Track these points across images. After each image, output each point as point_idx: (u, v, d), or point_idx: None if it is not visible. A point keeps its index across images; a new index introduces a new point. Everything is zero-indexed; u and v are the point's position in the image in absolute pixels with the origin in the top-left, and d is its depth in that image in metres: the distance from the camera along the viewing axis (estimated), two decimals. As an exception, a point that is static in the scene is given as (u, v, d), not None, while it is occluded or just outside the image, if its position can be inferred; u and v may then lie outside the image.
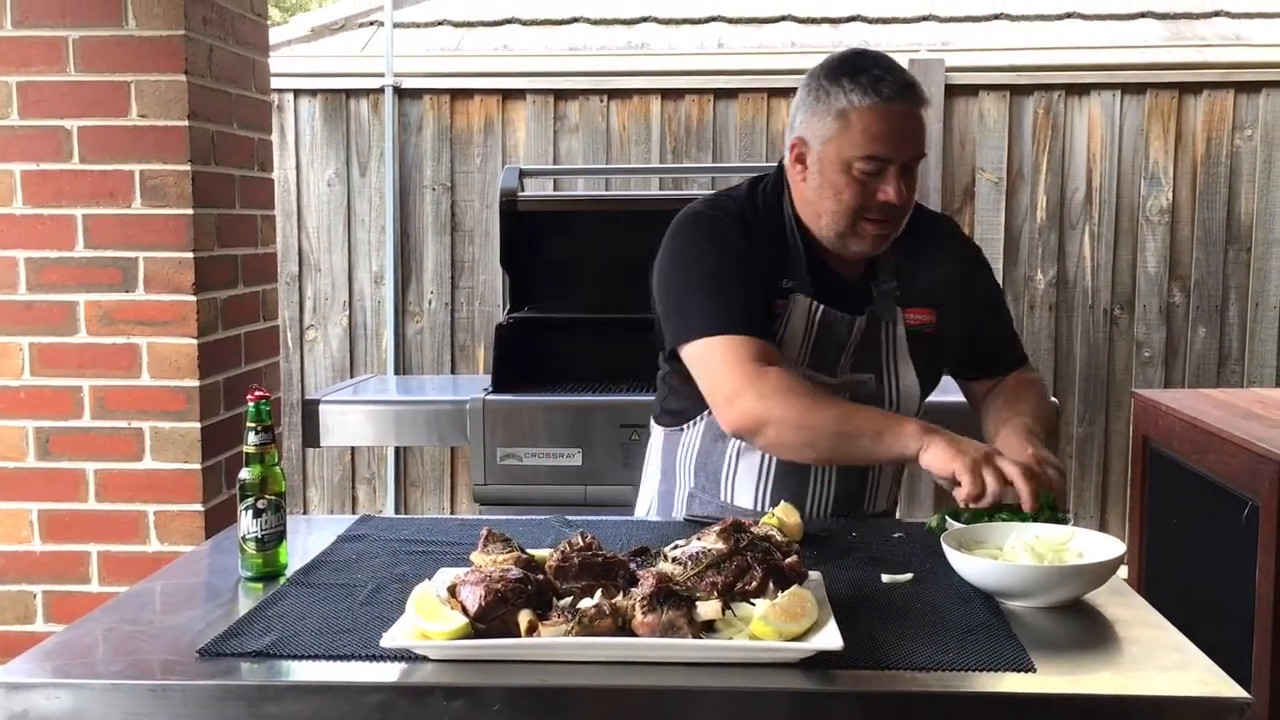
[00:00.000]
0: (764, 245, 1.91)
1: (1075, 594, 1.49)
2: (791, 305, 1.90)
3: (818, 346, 1.91)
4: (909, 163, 1.83)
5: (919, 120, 1.84)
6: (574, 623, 1.28)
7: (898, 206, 1.83)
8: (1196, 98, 4.31)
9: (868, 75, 1.81)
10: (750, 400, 1.78)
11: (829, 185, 1.85)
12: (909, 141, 1.82)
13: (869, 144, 1.80)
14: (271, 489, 1.63)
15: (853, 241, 1.87)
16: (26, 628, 2.83)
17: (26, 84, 2.72)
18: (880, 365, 1.94)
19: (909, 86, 1.83)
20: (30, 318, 2.77)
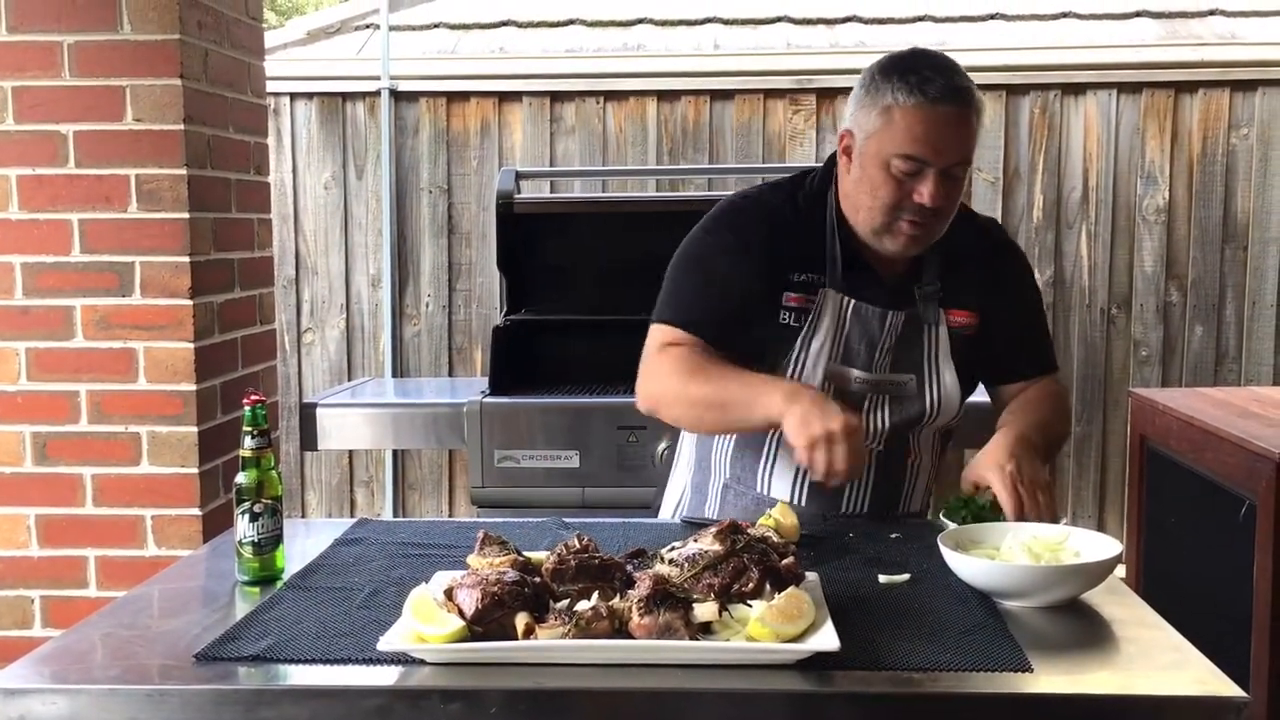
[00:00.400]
0: (797, 238, 1.92)
1: (1072, 594, 1.49)
2: (822, 299, 1.91)
3: (849, 341, 1.91)
4: (951, 168, 1.81)
5: (965, 125, 1.81)
6: (571, 625, 1.28)
7: (933, 209, 1.81)
8: (1192, 96, 4.31)
9: (918, 75, 1.80)
10: (646, 382, 1.92)
11: (868, 180, 1.85)
12: (951, 145, 1.80)
13: (908, 143, 1.79)
14: (268, 493, 1.63)
15: (888, 240, 1.86)
16: (25, 633, 2.82)
17: (21, 89, 2.72)
18: (922, 366, 1.94)
19: (958, 90, 1.80)
20: (27, 323, 2.77)
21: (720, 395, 1.82)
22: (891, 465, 1.96)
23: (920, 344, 1.94)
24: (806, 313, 1.90)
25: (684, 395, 1.86)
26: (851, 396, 1.91)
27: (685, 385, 1.85)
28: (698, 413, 1.88)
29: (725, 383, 1.82)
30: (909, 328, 1.93)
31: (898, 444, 1.95)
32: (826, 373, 1.91)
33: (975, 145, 1.85)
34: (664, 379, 1.88)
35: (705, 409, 1.86)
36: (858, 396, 1.92)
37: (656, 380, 1.90)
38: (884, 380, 1.92)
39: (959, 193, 1.86)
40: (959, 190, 1.85)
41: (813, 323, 1.90)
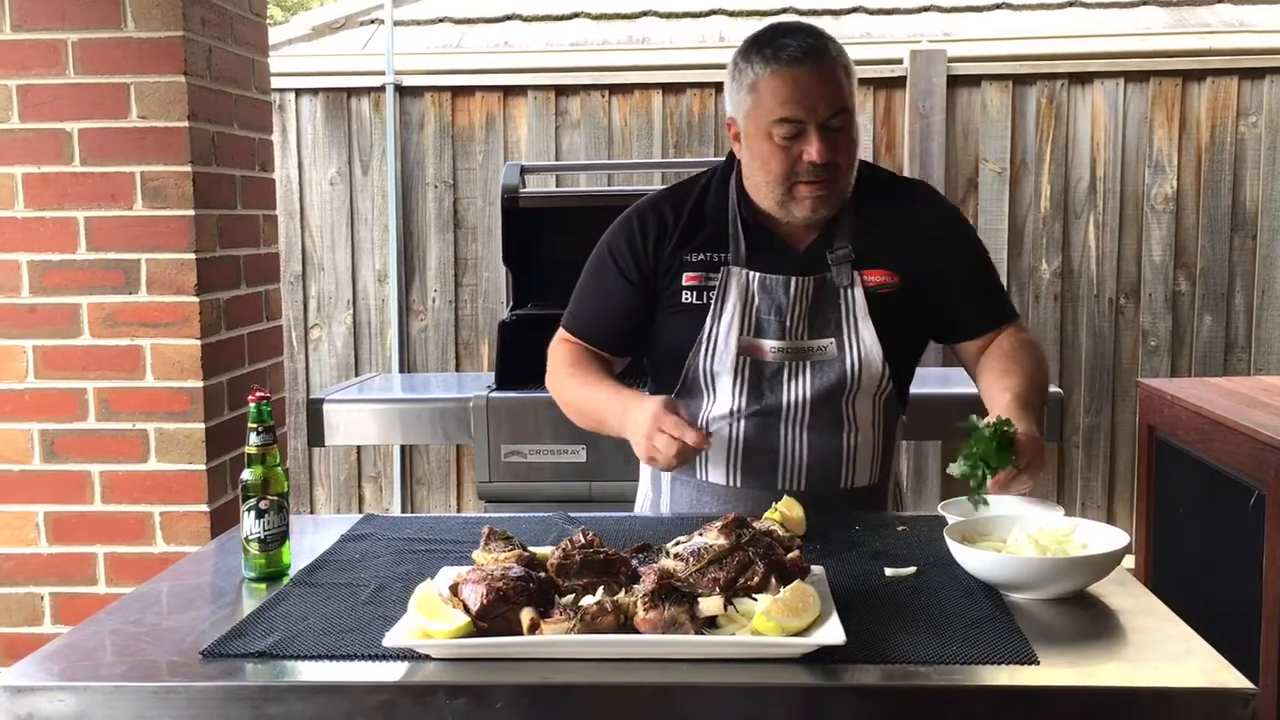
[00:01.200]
0: (694, 227, 1.99)
1: (1079, 586, 1.48)
2: (725, 276, 1.95)
3: (759, 313, 1.95)
4: (829, 121, 1.86)
5: (829, 79, 1.87)
6: (576, 620, 1.28)
7: (825, 165, 1.86)
8: (1200, 85, 4.29)
9: (772, 46, 1.88)
10: (550, 379, 2.11)
11: (758, 157, 1.91)
12: (820, 99, 1.85)
13: (778, 108, 1.85)
14: (274, 490, 1.63)
15: (794, 207, 1.91)
16: (35, 629, 2.83)
17: (26, 87, 2.73)
18: (841, 328, 1.95)
19: (812, 49, 1.87)
20: (34, 320, 2.77)
21: (584, 405, 2.02)
22: (824, 440, 1.95)
23: (836, 306, 1.95)
24: (709, 290, 1.96)
25: (562, 399, 2.08)
26: (768, 368, 1.94)
27: (561, 390, 2.07)
28: (574, 416, 2.07)
29: (587, 395, 2.00)
30: (821, 292, 1.95)
31: (829, 417, 1.95)
32: (740, 346, 1.94)
33: (850, 95, 1.90)
34: (553, 377, 2.09)
35: (577, 415, 2.06)
36: (775, 367, 1.94)
37: (550, 377, 2.11)
38: (801, 347, 1.94)
39: (850, 145, 1.90)
40: (849, 143, 1.90)
41: (719, 300, 1.95)
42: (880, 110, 4.37)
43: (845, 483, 1.98)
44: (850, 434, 1.97)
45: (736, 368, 1.94)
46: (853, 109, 1.91)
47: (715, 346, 1.95)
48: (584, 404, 2.02)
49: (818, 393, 1.93)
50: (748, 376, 1.94)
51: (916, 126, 4.28)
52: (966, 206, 4.35)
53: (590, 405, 2.00)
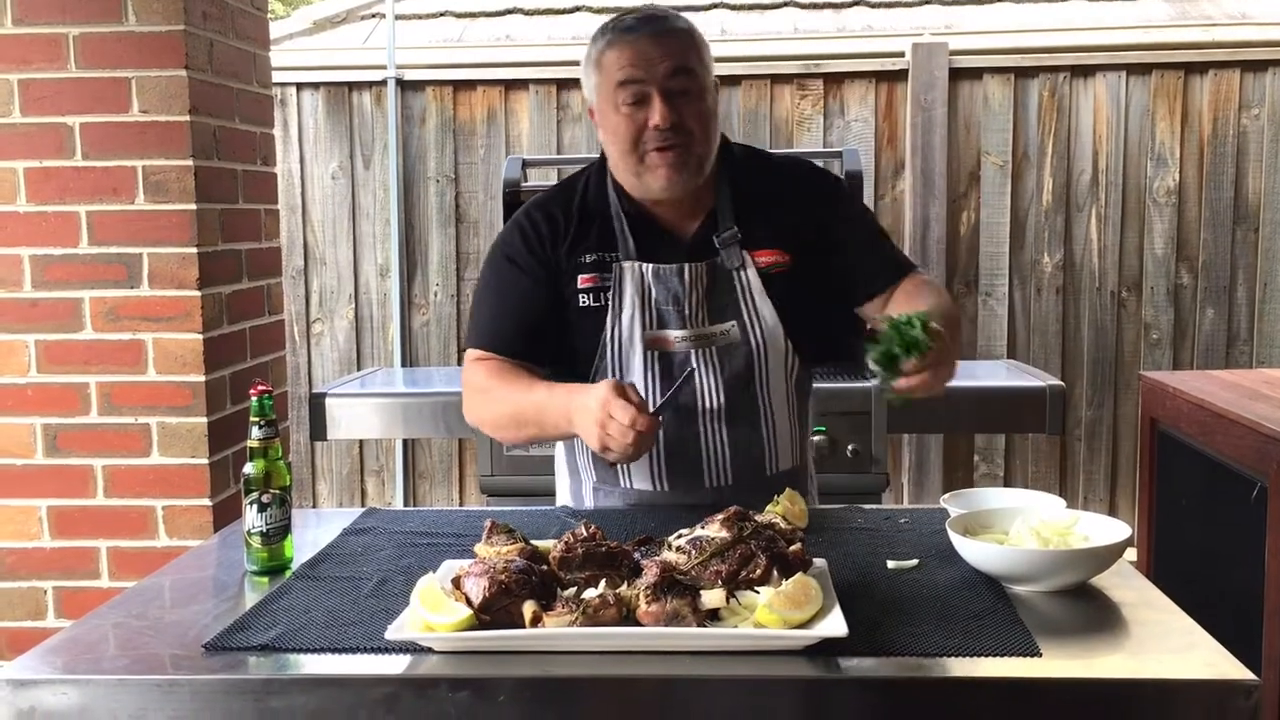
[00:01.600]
0: (581, 228, 1.96)
1: (1081, 578, 1.48)
2: (619, 273, 1.94)
3: (658, 305, 1.94)
4: (670, 84, 1.84)
5: (668, 41, 1.87)
6: (578, 613, 1.28)
7: (673, 128, 1.84)
8: (1203, 77, 4.28)
9: (614, 22, 1.91)
10: (466, 407, 2.00)
11: (609, 129, 1.90)
12: (659, 59, 1.85)
13: (618, 73, 1.86)
14: (276, 483, 1.63)
15: (649, 178, 1.88)
16: (38, 624, 2.84)
17: (28, 81, 2.73)
18: (740, 310, 1.94)
19: (651, 19, 1.88)
20: (36, 315, 2.78)
21: (519, 412, 1.89)
22: (744, 432, 1.94)
23: (732, 289, 1.94)
24: (604, 290, 1.94)
25: (487, 419, 1.96)
26: (676, 358, 1.92)
27: (485, 408, 1.95)
28: (507, 432, 1.97)
29: (519, 400, 1.89)
30: (715, 277, 1.94)
31: (745, 407, 1.94)
32: (645, 340, 1.92)
33: (695, 59, 1.88)
34: (469, 403, 1.98)
35: (510, 428, 1.94)
36: (682, 356, 1.92)
37: (467, 405, 1.99)
38: (705, 333, 1.93)
39: (701, 113, 1.88)
40: (700, 106, 1.87)
41: (616, 297, 1.93)
42: (882, 103, 4.36)
43: (770, 469, 1.98)
44: (767, 422, 1.96)
45: (646, 363, 1.92)
46: (701, 75, 1.88)
47: (621, 345, 1.93)
48: (518, 411, 1.88)
49: (729, 382, 1.92)
50: (658, 371, 1.92)
51: (918, 119, 4.28)
52: (968, 199, 4.35)
53: (525, 410, 1.87)
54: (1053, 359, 4.36)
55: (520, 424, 1.90)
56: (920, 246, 4.31)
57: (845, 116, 4.37)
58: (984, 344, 4.38)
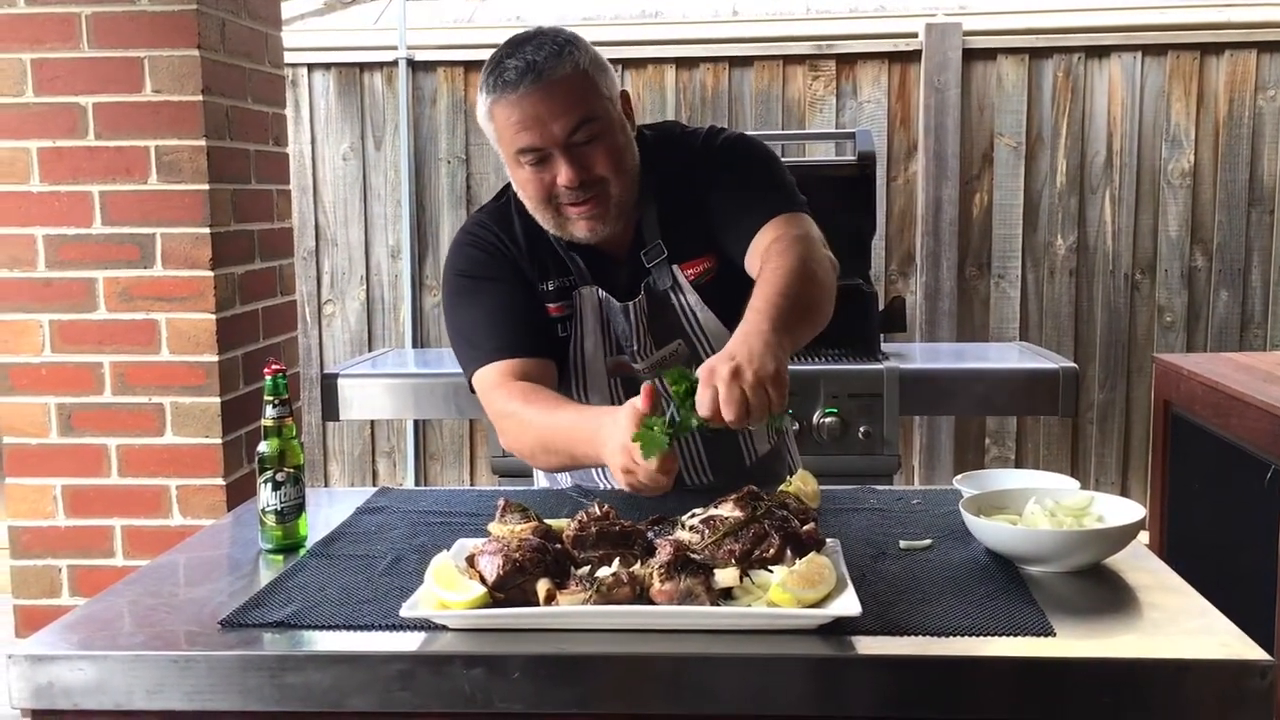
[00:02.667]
0: (527, 250, 1.86)
1: (1095, 559, 1.48)
2: (579, 300, 1.87)
3: (616, 331, 1.88)
4: (572, 139, 1.71)
5: (559, 94, 1.70)
6: (592, 591, 1.29)
7: (583, 184, 1.73)
8: (1218, 58, 4.25)
9: (497, 69, 1.72)
10: (501, 433, 1.81)
11: (517, 182, 1.80)
12: (553, 121, 1.70)
13: (514, 138, 1.72)
14: (290, 462, 1.64)
15: (571, 228, 1.79)
16: (53, 601, 2.86)
17: (41, 61, 2.73)
18: (684, 328, 1.87)
19: (531, 66, 1.69)
20: (50, 295, 2.79)
21: (549, 438, 1.71)
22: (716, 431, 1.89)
23: (672, 309, 1.87)
24: (569, 320, 1.87)
25: (522, 441, 1.77)
26: (639, 381, 1.82)
27: (521, 431, 1.76)
28: (540, 460, 1.78)
29: (548, 425, 1.70)
30: (653, 302, 1.87)
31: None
32: (609, 367, 1.88)
33: (592, 103, 1.72)
34: (502, 431, 1.80)
35: (543, 455, 1.75)
36: (643, 379, 1.85)
37: (501, 434, 1.81)
38: (657, 360, 1.86)
39: (609, 152, 1.74)
40: (607, 150, 1.74)
41: (578, 325, 1.87)
42: (895, 84, 4.34)
43: (749, 460, 1.96)
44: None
45: (610, 389, 1.88)
46: (603, 113, 1.73)
47: (586, 374, 1.89)
48: (547, 437, 1.70)
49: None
50: (623, 396, 1.85)
51: (931, 101, 4.26)
52: (981, 181, 4.33)
53: (554, 436, 1.69)
54: (1065, 341, 4.35)
55: (550, 451, 1.72)
56: (933, 228, 4.29)
57: (858, 97, 4.35)
58: (996, 326, 4.37)
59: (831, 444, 2.95)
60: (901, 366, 3.03)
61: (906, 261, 4.39)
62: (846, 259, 3.38)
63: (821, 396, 2.97)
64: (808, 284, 1.65)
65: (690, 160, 1.87)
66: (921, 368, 3.15)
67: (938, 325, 4.33)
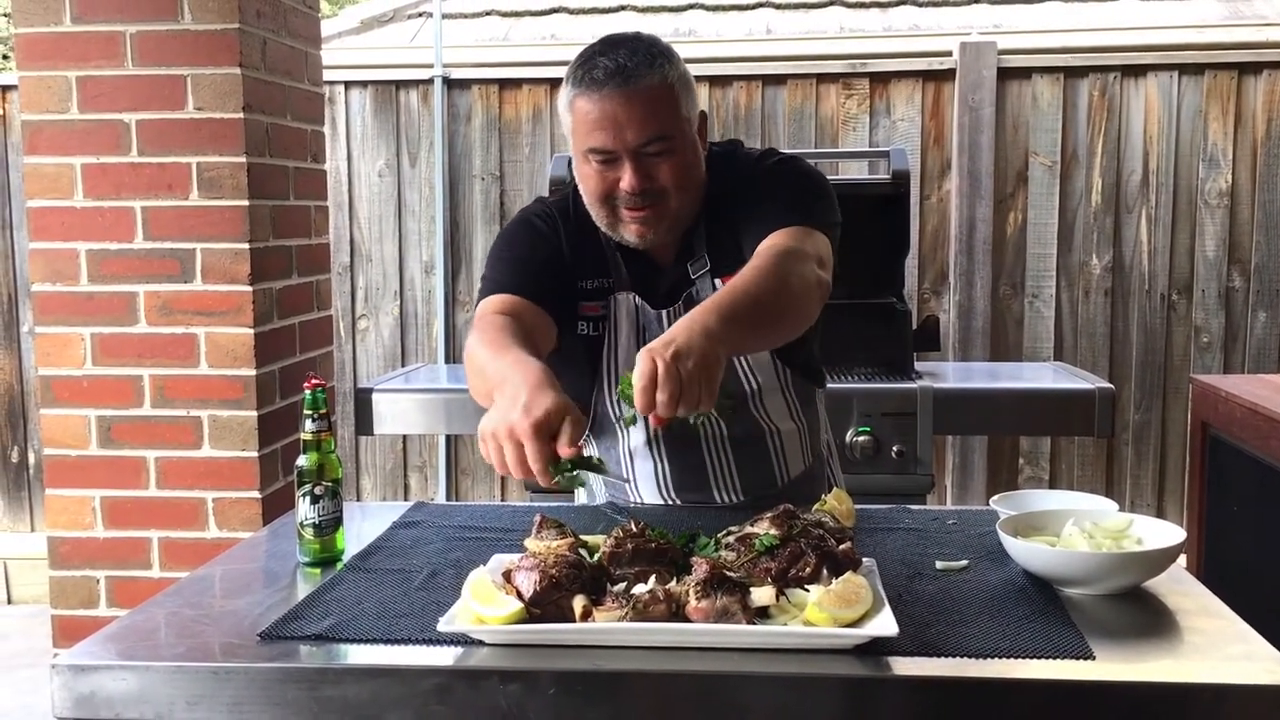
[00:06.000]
0: (578, 245, 1.89)
1: (1134, 581, 1.47)
2: (614, 305, 1.89)
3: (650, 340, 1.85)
4: (643, 149, 1.73)
5: (640, 103, 1.72)
6: (628, 608, 1.29)
7: (644, 192, 1.75)
8: (1256, 78, 4.22)
9: (588, 64, 1.75)
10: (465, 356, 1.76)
11: (580, 177, 1.83)
12: (628, 127, 1.72)
13: (587, 136, 1.75)
14: (328, 475, 1.65)
15: (623, 230, 1.82)
16: (90, 612, 2.89)
17: (85, 78, 2.77)
18: None
19: (621, 70, 1.72)
20: (91, 308, 2.83)
21: (485, 370, 1.63)
22: (749, 449, 1.90)
23: None
24: (604, 320, 1.88)
25: (470, 367, 1.71)
26: None
27: (471, 358, 1.71)
28: (474, 387, 1.70)
29: (490, 361, 1.63)
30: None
31: (746, 425, 1.88)
32: None
33: (669, 119, 1.74)
34: (468, 348, 1.74)
35: (478, 383, 1.67)
36: None
37: (467, 349, 1.75)
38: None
39: (676, 167, 1.77)
40: (674, 165, 1.76)
41: (612, 331, 1.88)
42: (929, 103, 4.34)
43: (781, 480, 1.95)
44: (773, 437, 1.92)
45: None
46: (677, 133, 1.76)
47: (616, 380, 1.86)
48: (485, 369, 1.63)
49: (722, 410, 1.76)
50: None
51: (965, 119, 4.25)
52: (1015, 200, 4.31)
53: (489, 371, 1.61)
54: (1100, 362, 4.31)
55: (483, 383, 1.64)
56: (967, 247, 4.28)
57: (891, 116, 4.35)
58: (1030, 346, 4.34)
59: (865, 463, 2.94)
60: (935, 385, 3.02)
61: (940, 280, 4.37)
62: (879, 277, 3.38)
63: (855, 415, 2.96)
64: (773, 293, 1.63)
65: (741, 178, 1.89)
66: (955, 387, 3.14)
67: (971, 344, 4.31)
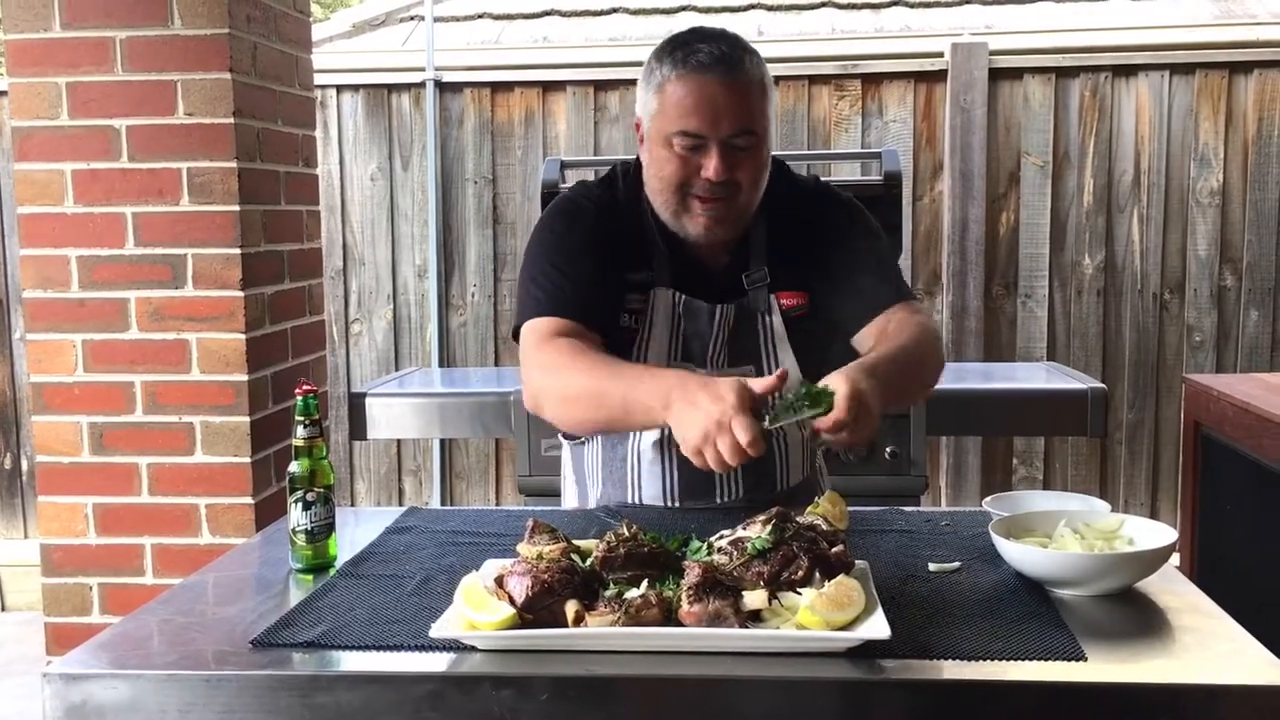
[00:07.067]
0: (622, 234, 1.89)
1: (1126, 582, 1.47)
2: (654, 299, 1.88)
3: (686, 337, 1.89)
4: (733, 139, 1.76)
5: (740, 93, 1.75)
6: (621, 613, 1.29)
7: (722, 184, 1.77)
8: (1247, 77, 4.23)
9: (686, 48, 1.77)
10: (527, 377, 1.78)
11: (655, 161, 1.82)
12: (725, 115, 1.74)
13: (681, 118, 1.75)
14: (320, 482, 1.65)
15: (687, 222, 1.82)
16: (83, 619, 2.88)
17: (75, 84, 2.77)
18: (759, 355, 1.89)
19: (726, 58, 1.74)
20: (83, 315, 2.82)
21: (597, 392, 1.67)
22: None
23: (755, 333, 1.89)
24: (640, 313, 1.88)
25: (560, 389, 1.73)
26: None
27: (561, 378, 1.72)
28: (578, 410, 1.73)
29: (604, 375, 1.66)
30: (740, 319, 1.89)
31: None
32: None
33: (760, 115, 1.78)
34: (543, 373, 1.75)
35: (585, 407, 1.70)
36: None
37: (537, 374, 1.76)
38: (723, 375, 1.82)
39: (755, 165, 1.79)
40: (754, 163, 1.79)
41: (649, 323, 1.88)
42: (920, 104, 4.34)
43: (781, 486, 1.96)
44: (779, 439, 1.93)
45: None
46: (763, 132, 1.79)
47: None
48: (600, 390, 1.65)
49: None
50: None
51: (957, 120, 4.25)
52: (1008, 200, 4.32)
53: (609, 389, 1.64)
54: (1093, 361, 4.32)
55: (599, 404, 1.67)
56: (959, 248, 4.28)
57: (883, 117, 4.35)
58: (1023, 346, 4.35)
59: (858, 464, 2.94)
60: (928, 387, 3.01)
61: (933, 281, 4.38)
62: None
63: (848, 417, 2.96)
64: (918, 371, 1.78)
65: (802, 199, 1.93)
66: (949, 388, 3.13)
67: (964, 345, 4.32)
